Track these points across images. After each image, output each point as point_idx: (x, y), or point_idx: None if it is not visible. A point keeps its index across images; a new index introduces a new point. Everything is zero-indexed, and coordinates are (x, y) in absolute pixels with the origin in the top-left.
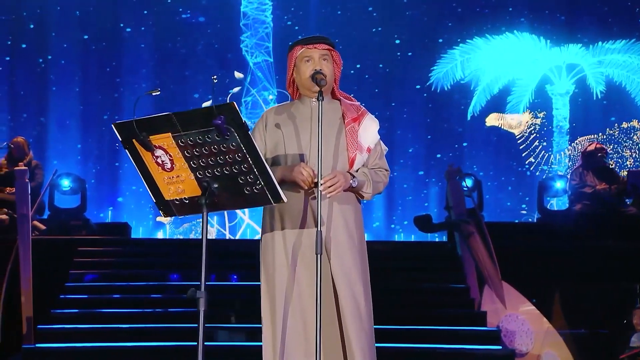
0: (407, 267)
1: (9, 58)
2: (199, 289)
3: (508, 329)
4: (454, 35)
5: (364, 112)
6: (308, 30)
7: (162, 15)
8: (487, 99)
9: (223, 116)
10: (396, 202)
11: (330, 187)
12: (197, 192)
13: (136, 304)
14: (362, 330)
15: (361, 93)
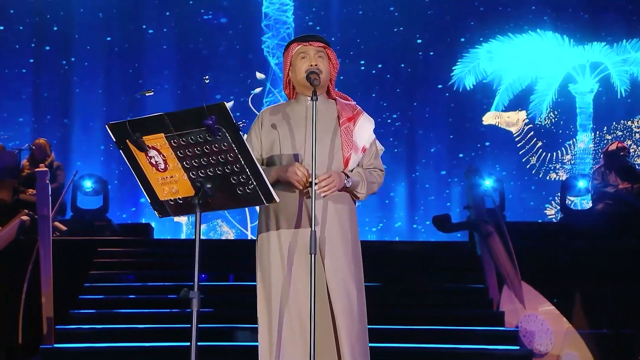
0: (427, 266)
1: (33, 60)
2: (192, 289)
3: (527, 329)
4: (476, 34)
5: (360, 111)
6: (330, 31)
7: (184, 17)
8: (509, 98)
9: (214, 116)
10: (418, 202)
11: (324, 186)
12: (191, 193)
13: (155, 305)
14: (353, 330)
15: (383, 93)
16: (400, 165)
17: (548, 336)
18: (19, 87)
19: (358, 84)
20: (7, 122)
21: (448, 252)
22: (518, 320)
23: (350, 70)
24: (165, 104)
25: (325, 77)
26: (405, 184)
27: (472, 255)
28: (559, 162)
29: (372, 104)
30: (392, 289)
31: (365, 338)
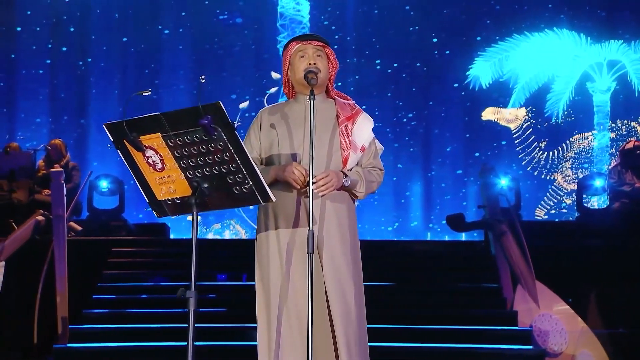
0: (441, 266)
1: (50, 61)
2: (189, 289)
3: (541, 329)
4: (492, 32)
5: (359, 110)
6: (345, 30)
7: (199, 17)
8: (526, 96)
9: (210, 116)
10: (434, 201)
11: (322, 186)
12: (188, 192)
13: (168, 304)
14: (350, 330)
15: (399, 92)
16: (416, 165)
17: (562, 336)
18: (36, 87)
19: (374, 83)
20: (24, 123)
21: (462, 252)
22: (532, 319)
23: (366, 70)
24: (181, 104)
25: (324, 77)
26: (421, 184)
27: (487, 255)
28: (576, 161)
29: (387, 103)
30: (405, 289)
31: (364, 338)
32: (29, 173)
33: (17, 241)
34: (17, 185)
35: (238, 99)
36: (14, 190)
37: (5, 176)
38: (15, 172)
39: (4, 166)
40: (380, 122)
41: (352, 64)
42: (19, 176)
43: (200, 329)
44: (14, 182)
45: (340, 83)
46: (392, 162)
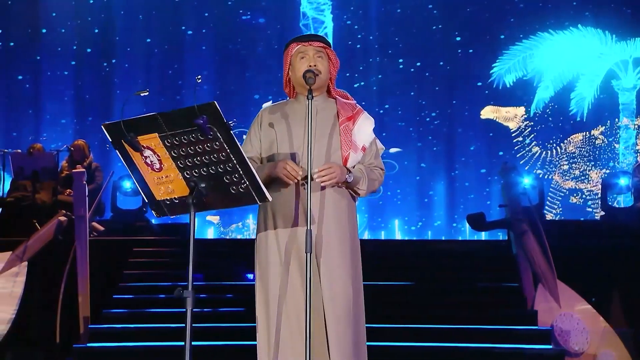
0: (462, 265)
1: (75, 62)
2: (187, 289)
3: (562, 328)
4: (516, 31)
5: (360, 110)
6: (368, 29)
7: (222, 17)
8: (550, 95)
9: (205, 116)
10: (458, 201)
11: (324, 176)
12: (186, 192)
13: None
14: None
15: (422, 91)
16: (439, 164)
17: (584, 335)
18: (62, 89)
19: (397, 82)
20: (50, 124)
21: (484, 251)
22: (552, 319)
23: (389, 69)
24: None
25: (325, 77)
26: (444, 183)
27: (508, 254)
28: (601, 159)
29: (411, 102)
30: (426, 288)
31: (362, 338)
32: (52, 174)
33: (39, 241)
34: (41, 186)
35: (261, 98)
36: (38, 191)
37: (29, 177)
38: (39, 173)
39: (28, 167)
40: (404, 122)
41: (375, 63)
42: (43, 177)
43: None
44: (37, 182)
45: (363, 82)
46: (415, 162)
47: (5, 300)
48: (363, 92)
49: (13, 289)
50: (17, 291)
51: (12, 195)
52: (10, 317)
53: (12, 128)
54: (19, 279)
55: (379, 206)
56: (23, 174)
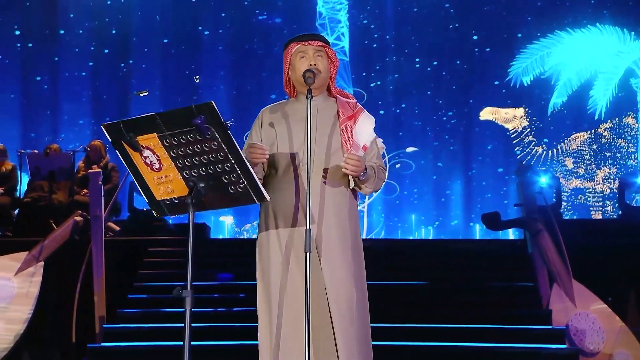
0: (478, 265)
1: (92, 63)
2: (185, 288)
3: (578, 328)
4: (534, 29)
5: (360, 109)
6: (384, 29)
7: (239, 17)
8: (568, 93)
9: (203, 116)
10: (475, 200)
11: (351, 166)
12: (185, 192)
13: (200, 304)
14: (351, 330)
15: (438, 90)
16: (456, 163)
17: (599, 335)
18: (79, 90)
19: (413, 81)
20: (67, 125)
21: (500, 250)
22: (567, 318)
23: (406, 68)
24: (221, 104)
25: (325, 76)
26: (461, 182)
27: (524, 254)
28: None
29: (427, 101)
30: (440, 288)
31: (366, 337)
32: (68, 174)
33: (55, 241)
34: (57, 186)
35: (278, 98)
36: (54, 191)
37: (46, 177)
38: (55, 173)
39: (44, 167)
40: (420, 121)
41: (392, 62)
42: (59, 177)
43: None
44: (54, 183)
45: (379, 82)
46: (432, 161)
47: (21, 300)
48: (379, 92)
49: (29, 288)
50: (34, 291)
51: (29, 195)
52: (26, 317)
53: (30, 129)
54: (35, 278)
55: (396, 205)
56: (40, 175)
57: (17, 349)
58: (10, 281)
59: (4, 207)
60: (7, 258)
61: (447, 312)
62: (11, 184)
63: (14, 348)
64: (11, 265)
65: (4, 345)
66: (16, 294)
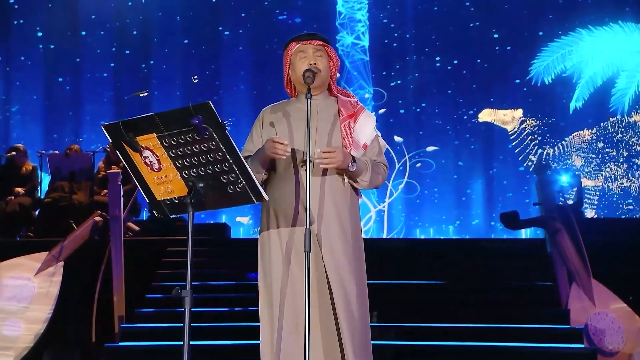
0: (497, 264)
1: (114, 64)
2: (184, 288)
3: (597, 327)
4: (555, 27)
5: (361, 108)
6: (404, 28)
7: (259, 18)
8: (590, 92)
9: (200, 116)
10: (496, 199)
11: (325, 158)
12: (185, 192)
13: (217, 303)
14: (354, 326)
15: (459, 89)
16: (477, 162)
17: (619, 334)
18: (101, 90)
19: (434, 80)
20: (89, 125)
21: (519, 249)
22: (586, 318)
23: (426, 67)
24: (241, 105)
25: (325, 76)
26: (482, 181)
27: (543, 253)
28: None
29: (448, 100)
30: (459, 287)
31: (366, 335)
32: (89, 174)
33: (75, 241)
34: (78, 186)
35: None
36: (75, 192)
37: (66, 178)
38: (76, 173)
39: (65, 168)
40: (441, 120)
41: (412, 61)
42: (79, 178)
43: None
44: (74, 183)
45: (399, 81)
46: (452, 160)
47: (41, 300)
48: (400, 91)
49: (49, 288)
50: (54, 291)
51: (49, 196)
52: (46, 317)
53: (53, 129)
54: (55, 278)
55: (416, 205)
56: (60, 175)
57: (38, 348)
58: (30, 281)
59: (25, 207)
60: (28, 258)
61: (465, 312)
62: (32, 185)
63: (34, 347)
64: (32, 265)
65: (24, 344)
66: (36, 293)
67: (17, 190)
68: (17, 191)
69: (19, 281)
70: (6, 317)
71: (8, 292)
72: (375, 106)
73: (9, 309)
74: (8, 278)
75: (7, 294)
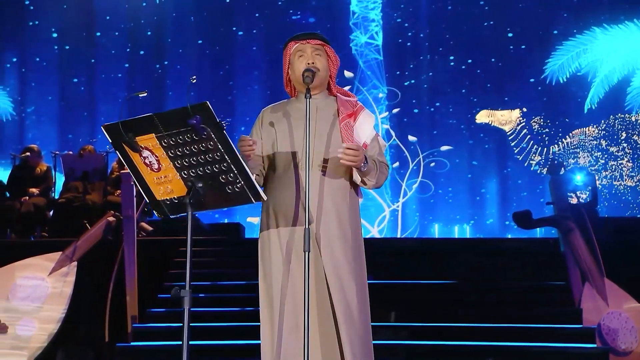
0: (510, 263)
1: (128, 65)
2: (184, 288)
3: (610, 327)
4: (570, 26)
5: (361, 107)
6: (418, 27)
7: (272, 18)
8: (605, 90)
9: (198, 116)
10: (510, 199)
11: (348, 156)
12: (184, 192)
13: (228, 303)
14: (352, 327)
15: (473, 88)
16: (491, 162)
17: (632, 334)
18: (115, 91)
19: (448, 80)
20: None
21: (532, 249)
22: (598, 317)
23: (440, 66)
24: (255, 104)
25: (324, 75)
26: (496, 180)
27: (556, 252)
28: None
29: (462, 100)
30: (471, 287)
31: (367, 336)
32: (102, 175)
33: (88, 242)
34: (92, 187)
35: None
36: (89, 192)
37: (79, 178)
38: (89, 174)
39: (78, 168)
40: (455, 119)
41: (426, 61)
42: (93, 178)
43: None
44: (88, 184)
45: (413, 81)
46: (466, 159)
47: (55, 300)
48: (414, 90)
49: (63, 288)
50: (67, 291)
51: (63, 196)
52: (60, 316)
53: (67, 130)
54: (68, 278)
55: (430, 204)
56: (74, 175)
57: (51, 348)
58: (44, 281)
59: (40, 208)
60: (42, 258)
61: (477, 311)
62: (46, 185)
63: (48, 347)
64: (46, 265)
65: (38, 344)
66: (50, 293)
67: (32, 190)
68: (32, 192)
69: (32, 281)
70: (20, 317)
71: (22, 292)
72: (389, 106)
73: (23, 309)
74: (22, 278)
75: (21, 293)
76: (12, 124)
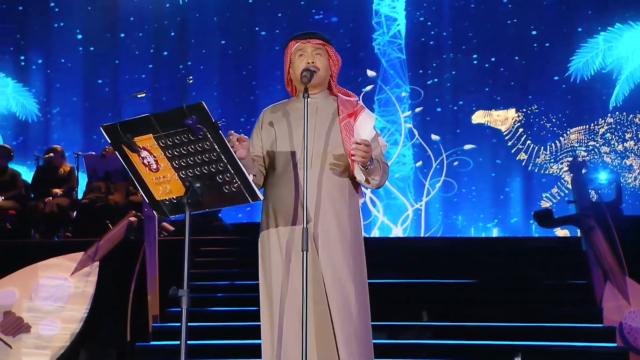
0: (531, 262)
1: (152, 65)
2: (182, 288)
3: (631, 326)
4: (594, 23)
5: (361, 107)
6: (441, 25)
7: (295, 18)
8: (630, 88)
9: (194, 116)
10: (535, 197)
11: (360, 151)
12: (182, 192)
13: (246, 303)
14: (350, 327)
15: (496, 87)
16: (514, 160)
17: None
18: None
19: (471, 78)
20: None
21: (553, 248)
22: (620, 316)
23: (463, 65)
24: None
25: (324, 74)
26: (520, 179)
27: (578, 251)
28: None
29: (485, 98)
30: (492, 286)
31: (366, 335)
32: (124, 175)
33: (110, 241)
34: (114, 187)
35: None
36: (111, 192)
37: (102, 178)
38: (111, 174)
39: (100, 169)
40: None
41: (449, 59)
42: (115, 178)
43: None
44: (110, 184)
45: (436, 79)
46: (490, 158)
47: (77, 300)
48: (436, 89)
49: (85, 288)
50: (89, 290)
51: (86, 197)
52: (82, 316)
53: (92, 131)
54: (90, 278)
55: (454, 203)
56: (96, 176)
57: (74, 347)
58: (67, 281)
59: (63, 208)
60: (64, 258)
61: (498, 310)
62: (69, 186)
63: (71, 346)
64: (68, 265)
65: (61, 343)
66: (72, 293)
67: (55, 191)
68: (55, 192)
69: (55, 281)
70: (43, 317)
71: (45, 292)
72: (412, 104)
73: (46, 309)
74: (45, 278)
75: (44, 293)
76: (38, 125)
